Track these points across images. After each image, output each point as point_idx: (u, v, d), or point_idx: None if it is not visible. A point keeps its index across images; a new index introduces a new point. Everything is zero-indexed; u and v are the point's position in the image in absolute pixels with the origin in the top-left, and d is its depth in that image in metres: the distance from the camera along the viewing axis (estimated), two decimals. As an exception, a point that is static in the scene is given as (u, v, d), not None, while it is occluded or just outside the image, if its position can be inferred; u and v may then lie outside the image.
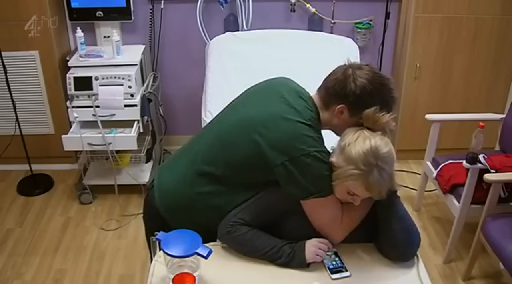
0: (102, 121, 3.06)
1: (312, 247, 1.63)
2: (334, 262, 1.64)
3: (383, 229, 1.66)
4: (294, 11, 3.48)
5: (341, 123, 1.65)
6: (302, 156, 1.55)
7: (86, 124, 3.18)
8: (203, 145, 1.78)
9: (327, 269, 1.62)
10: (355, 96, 1.59)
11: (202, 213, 1.73)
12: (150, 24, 3.52)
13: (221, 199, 1.70)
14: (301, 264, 1.62)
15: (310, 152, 1.55)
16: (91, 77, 3.06)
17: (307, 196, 1.60)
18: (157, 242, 1.59)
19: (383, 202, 1.62)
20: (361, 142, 1.52)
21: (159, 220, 1.76)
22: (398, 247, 1.65)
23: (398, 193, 1.67)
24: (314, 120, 1.63)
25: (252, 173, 1.66)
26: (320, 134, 1.65)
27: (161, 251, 1.54)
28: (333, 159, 1.57)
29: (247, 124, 1.66)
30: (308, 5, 3.47)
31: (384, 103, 1.60)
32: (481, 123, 2.54)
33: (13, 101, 3.22)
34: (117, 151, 3.20)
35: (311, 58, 3.09)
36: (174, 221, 1.73)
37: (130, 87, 3.07)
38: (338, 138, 1.69)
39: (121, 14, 3.30)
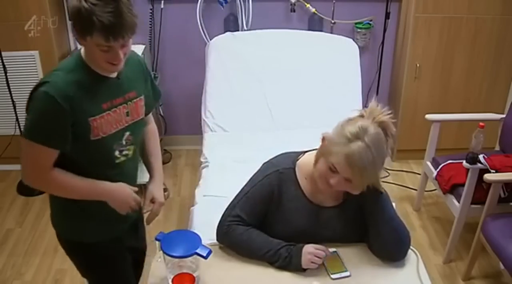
0: (102, 121, 3.06)
1: (308, 255, 1.61)
2: (333, 262, 1.64)
3: (372, 231, 1.67)
4: (294, 11, 3.48)
5: (92, 55, 1.49)
6: (33, 93, 1.47)
7: (86, 124, 3.17)
8: None
9: (327, 269, 1.62)
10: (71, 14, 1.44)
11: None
12: (150, 24, 3.52)
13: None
14: (297, 269, 1.62)
15: (39, 86, 1.45)
16: (91, 77, 3.06)
17: (22, 134, 1.52)
18: (157, 243, 1.59)
19: (371, 202, 1.62)
20: (357, 121, 1.53)
21: None
22: (389, 248, 1.66)
23: (387, 193, 1.67)
24: (69, 66, 1.51)
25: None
26: (81, 84, 1.49)
27: (161, 251, 1.54)
28: (327, 134, 1.58)
29: None
30: (308, 5, 3.47)
31: (84, 24, 1.40)
32: (481, 123, 2.54)
33: (13, 101, 3.22)
34: (117, 151, 3.20)
35: (311, 58, 3.10)
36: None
37: (130, 87, 3.07)
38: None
39: (121, 14, 3.29)
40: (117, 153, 1.65)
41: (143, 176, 3.37)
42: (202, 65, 3.23)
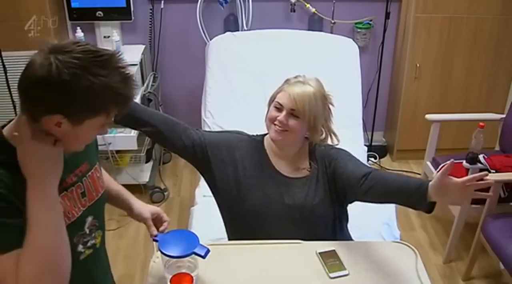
0: (102, 121, 3.06)
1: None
2: (332, 261, 1.64)
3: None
4: (294, 11, 3.48)
5: (76, 139, 1.14)
6: None
7: (86, 124, 3.18)
8: None
9: (325, 268, 1.62)
10: (67, 97, 1.05)
11: None
12: (150, 24, 3.52)
13: None
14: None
15: None
16: (91, 77, 3.06)
17: None
18: (154, 243, 1.58)
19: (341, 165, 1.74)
20: None
21: None
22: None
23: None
24: None
25: None
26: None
27: (158, 252, 1.53)
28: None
29: None
30: (308, 5, 3.46)
31: (107, 100, 1.08)
32: (481, 123, 2.54)
33: (13, 101, 3.22)
34: (117, 151, 3.20)
35: (311, 58, 3.09)
36: None
37: (130, 87, 3.07)
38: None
39: (121, 14, 3.30)
40: (80, 247, 1.28)
41: (143, 176, 3.39)
42: (202, 65, 3.23)
